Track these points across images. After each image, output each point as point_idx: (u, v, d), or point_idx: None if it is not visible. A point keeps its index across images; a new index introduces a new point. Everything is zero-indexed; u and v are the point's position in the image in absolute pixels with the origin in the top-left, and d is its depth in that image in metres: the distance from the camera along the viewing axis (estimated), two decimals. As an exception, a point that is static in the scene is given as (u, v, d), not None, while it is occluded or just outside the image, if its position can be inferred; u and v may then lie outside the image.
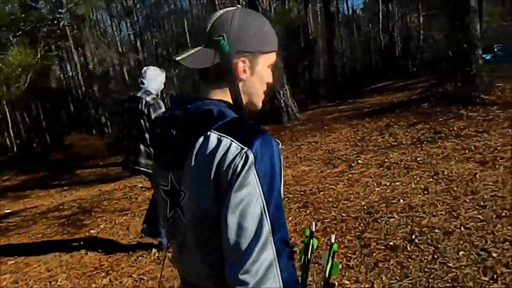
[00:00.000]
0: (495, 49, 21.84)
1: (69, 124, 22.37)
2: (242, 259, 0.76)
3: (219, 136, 0.81)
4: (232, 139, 0.80)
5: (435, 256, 2.83)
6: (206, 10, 25.16)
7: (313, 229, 0.99)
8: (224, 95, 0.91)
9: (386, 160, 5.36)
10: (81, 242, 4.62)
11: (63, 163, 13.16)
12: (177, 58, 0.87)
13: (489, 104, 7.20)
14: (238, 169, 0.78)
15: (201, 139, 0.82)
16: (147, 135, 3.38)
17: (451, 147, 5.29)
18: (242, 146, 0.79)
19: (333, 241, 1.02)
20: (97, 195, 7.13)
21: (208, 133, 0.82)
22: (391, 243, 3.16)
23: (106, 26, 29.41)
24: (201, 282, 0.92)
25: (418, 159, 5.11)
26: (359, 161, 5.57)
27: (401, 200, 3.95)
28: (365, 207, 3.99)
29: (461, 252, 2.82)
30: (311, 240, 0.98)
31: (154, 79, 3.49)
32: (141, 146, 3.42)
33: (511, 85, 7.90)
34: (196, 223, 0.86)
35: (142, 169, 3.46)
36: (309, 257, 0.96)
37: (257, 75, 0.94)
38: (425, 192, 4.04)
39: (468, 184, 4.01)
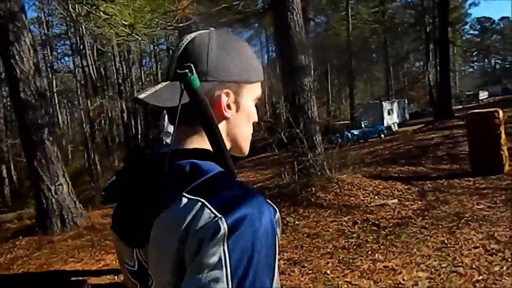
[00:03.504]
0: (363, 125, 22.70)
1: None
2: None
3: (191, 199, 0.59)
4: (206, 202, 0.57)
5: None
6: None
7: None
8: (201, 141, 0.68)
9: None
10: None
11: None
12: (139, 96, 0.65)
13: (323, 207, 5.69)
14: (204, 243, 0.54)
15: (168, 206, 0.60)
16: None
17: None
18: (217, 213, 0.55)
19: None
20: None
21: (178, 197, 0.59)
22: None
23: None
24: None
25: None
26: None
27: None
28: None
29: None
30: None
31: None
32: None
33: (351, 178, 6.62)
34: None
35: None
36: None
37: (243, 111, 0.72)
38: None
39: None
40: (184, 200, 0.59)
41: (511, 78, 48.55)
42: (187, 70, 0.61)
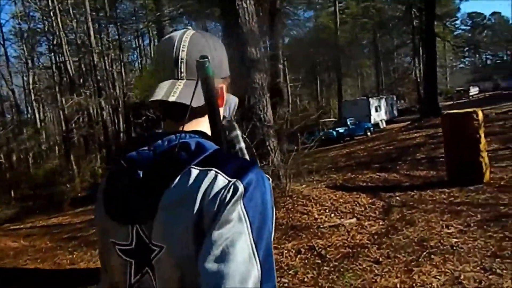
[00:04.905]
0: (348, 123, 21.91)
1: None
2: None
3: (202, 170, 0.66)
4: (218, 171, 0.65)
5: None
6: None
7: None
8: (197, 125, 0.76)
9: None
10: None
11: None
12: (171, 99, 0.68)
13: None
14: (224, 203, 0.62)
15: (178, 177, 0.66)
16: None
17: None
18: (230, 178, 0.64)
19: None
20: None
21: (188, 169, 0.67)
22: None
23: None
24: None
25: None
26: None
27: None
28: None
29: None
30: None
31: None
32: None
33: (309, 189, 5.72)
34: (179, 279, 0.65)
35: None
36: None
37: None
38: None
39: None
40: (195, 171, 0.65)
41: (502, 74, 48.01)
42: (206, 59, 0.65)
